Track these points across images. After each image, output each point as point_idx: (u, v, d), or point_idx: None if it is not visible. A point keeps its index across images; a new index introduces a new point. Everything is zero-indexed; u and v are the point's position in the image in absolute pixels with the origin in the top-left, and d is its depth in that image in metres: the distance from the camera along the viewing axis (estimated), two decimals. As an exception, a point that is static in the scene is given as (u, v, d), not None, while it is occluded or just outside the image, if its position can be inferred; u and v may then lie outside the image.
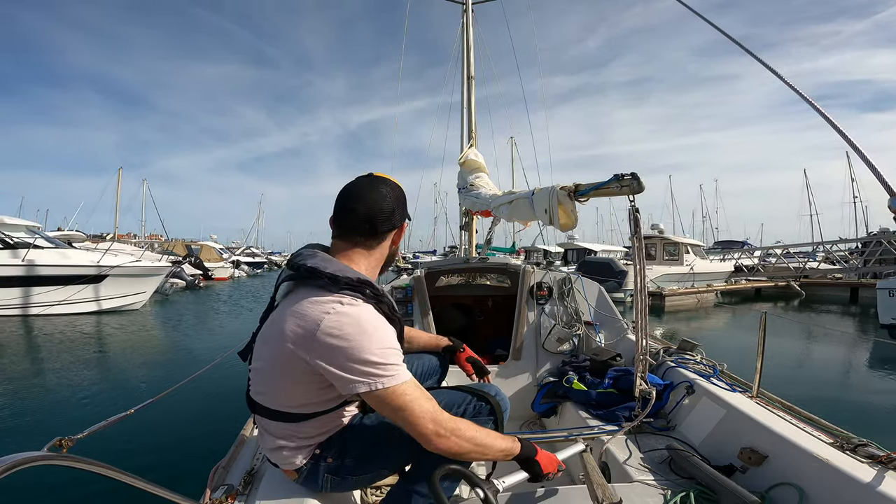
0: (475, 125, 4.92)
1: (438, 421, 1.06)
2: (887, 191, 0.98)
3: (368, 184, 1.21)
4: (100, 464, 0.91)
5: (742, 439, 1.64)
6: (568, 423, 2.34)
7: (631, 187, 1.83)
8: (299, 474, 1.22)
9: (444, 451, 1.08)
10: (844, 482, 1.27)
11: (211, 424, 3.98)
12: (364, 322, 1.04)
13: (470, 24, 5.62)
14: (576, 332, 2.93)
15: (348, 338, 1.01)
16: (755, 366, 1.94)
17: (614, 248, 26.80)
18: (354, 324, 1.03)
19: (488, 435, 1.16)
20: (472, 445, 1.11)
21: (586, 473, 1.48)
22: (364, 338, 1.02)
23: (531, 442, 1.26)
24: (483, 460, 1.16)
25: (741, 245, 27.92)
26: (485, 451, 1.14)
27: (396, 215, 1.22)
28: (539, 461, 1.23)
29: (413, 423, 1.05)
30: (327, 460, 1.20)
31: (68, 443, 1.13)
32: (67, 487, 3.02)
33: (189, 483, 1.38)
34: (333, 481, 1.22)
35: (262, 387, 1.17)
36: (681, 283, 16.20)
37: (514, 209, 2.77)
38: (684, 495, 1.43)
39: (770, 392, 1.94)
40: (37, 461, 0.79)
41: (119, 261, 11.38)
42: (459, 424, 1.10)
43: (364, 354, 1.01)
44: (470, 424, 1.13)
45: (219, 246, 29.38)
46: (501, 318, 3.28)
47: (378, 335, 1.05)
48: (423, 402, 1.06)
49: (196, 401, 4.54)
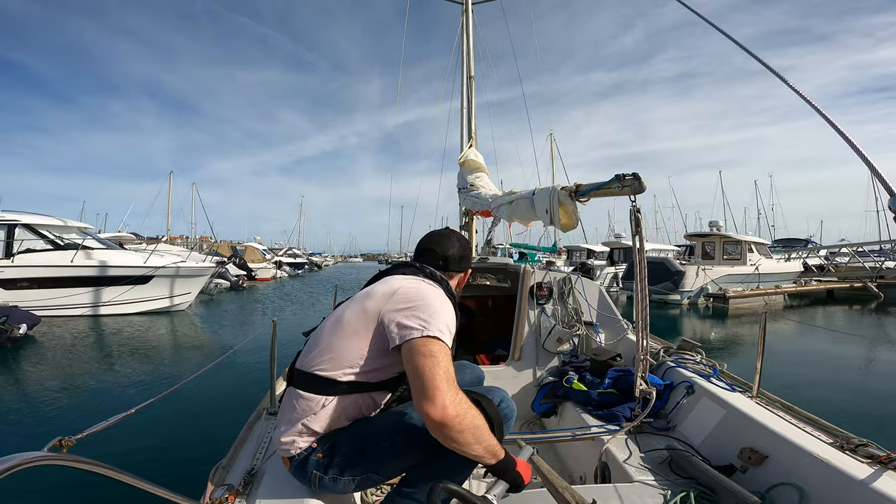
0: (475, 125, 4.93)
1: (453, 382, 1.12)
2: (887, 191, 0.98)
3: (445, 232, 1.56)
4: (100, 464, 0.91)
5: (742, 439, 1.64)
6: (568, 423, 2.34)
7: (632, 187, 1.84)
8: (291, 464, 1.26)
9: (449, 415, 1.07)
10: (844, 482, 1.27)
11: (211, 424, 3.98)
12: (437, 295, 1.27)
13: (470, 24, 5.62)
14: (576, 332, 2.93)
15: (420, 300, 1.22)
16: (755, 366, 1.94)
17: (665, 246, 24.83)
18: (428, 295, 1.25)
19: (489, 431, 1.16)
20: (470, 421, 1.10)
21: (542, 476, 1.43)
22: (433, 302, 1.22)
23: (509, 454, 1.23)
24: (470, 448, 1.13)
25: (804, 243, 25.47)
26: (479, 438, 1.13)
27: (464, 262, 1.53)
28: (520, 472, 1.22)
29: (433, 376, 1.09)
30: (318, 455, 1.23)
31: (68, 443, 1.13)
32: (67, 487, 3.02)
33: (189, 483, 1.38)
34: (322, 481, 1.23)
35: (318, 346, 1.29)
36: (745, 285, 14.80)
37: (515, 209, 2.77)
38: (684, 495, 1.43)
39: (770, 392, 1.94)
40: (37, 461, 0.79)
41: (165, 261, 11.35)
42: (471, 404, 1.14)
43: (428, 309, 1.19)
44: (479, 412, 1.16)
45: (262, 247, 29.56)
46: (501, 318, 3.28)
47: (444, 311, 1.23)
48: (450, 366, 1.14)
49: (197, 401, 4.54)
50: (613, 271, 18.92)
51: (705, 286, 14.18)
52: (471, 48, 5.44)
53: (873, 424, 4.20)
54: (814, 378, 6.13)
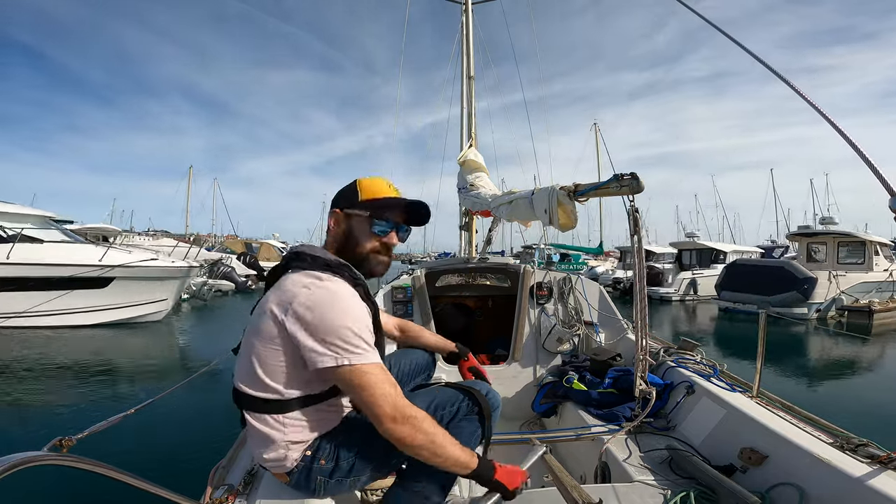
0: (475, 126, 4.92)
1: (397, 406, 1.07)
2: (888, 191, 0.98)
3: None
4: (100, 464, 0.91)
5: (742, 439, 1.64)
6: (568, 423, 2.34)
7: (630, 187, 1.83)
8: (291, 477, 1.20)
9: (398, 438, 1.07)
10: (844, 482, 1.27)
11: (211, 424, 3.98)
12: (339, 298, 1.10)
13: (470, 23, 5.61)
14: (576, 332, 2.93)
15: (322, 311, 1.06)
16: (755, 366, 1.94)
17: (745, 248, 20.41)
18: (329, 298, 1.08)
19: (447, 440, 1.14)
20: (426, 440, 1.09)
21: (553, 475, 1.45)
22: (336, 312, 1.07)
23: (492, 462, 1.23)
24: (434, 463, 1.13)
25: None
26: (437, 453, 1.11)
27: (331, 208, 1.32)
28: (500, 479, 1.21)
29: (372, 404, 1.06)
30: (320, 462, 1.18)
31: (68, 443, 1.13)
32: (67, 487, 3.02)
33: (189, 483, 1.38)
34: (328, 485, 1.20)
35: (246, 368, 1.15)
36: (880, 294, 12.07)
37: (514, 209, 2.76)
38: (684, 495, 1.43)
39: (770, 392, 1.94)
40: (37, 461, 0.79)
41: (125, 258, 8.82)
42: (419, 415, 1.10)
43: (335, 328, 1.05)
44: (431, 421, 1.13)
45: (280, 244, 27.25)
46: (501, 318, 3.28)
47: (351, 312, 1.09)
48: (386, 386, 1.08)
49: (196, 401, 4.54)
50: (690, 277, 16.28)
51: (838, 297, 11.33)
52: (471, 48, 5.43)
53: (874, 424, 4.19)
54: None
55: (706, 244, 18.42)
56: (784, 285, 11.09)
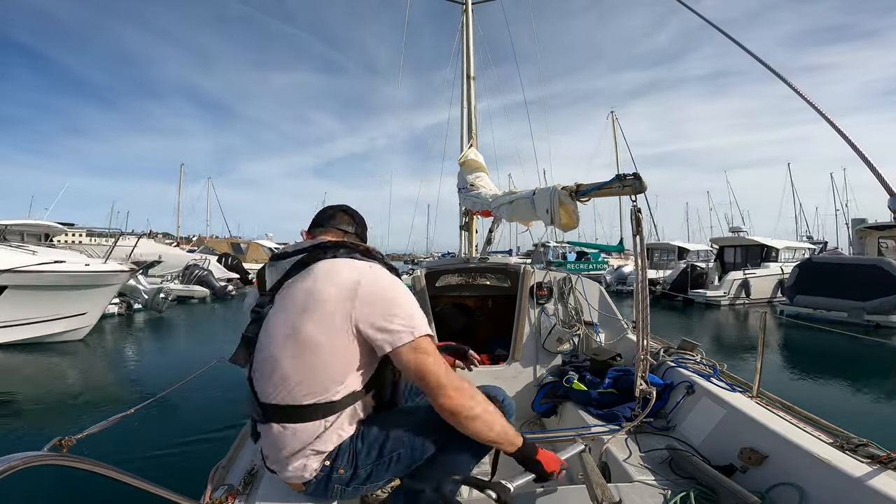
0: (476, 126, 4.92)
1: (451, 373, 1.12)
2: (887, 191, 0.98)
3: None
4: (100, 464, 0.91)
5: (742, 439, 1.64)
6: (568, 423, 2.34)
7: (633, 187, 1.84)
8: (307, 487, 1.19)
9: (455, 405, 1.09)
10: (844, 482, 1.27)
11: (211, 424, 3.98)
12: (396, 281, 1.18)
13: (470, 23, 5.61)
14: (576, 332, 2.93)
15: (389, 293, 1.13)
16: (755, 366, 1.94)
17: (798, 244, 17.75)
18: (390, 282, 1.16)
19: (501, 415, 1.17)
20: (482, 410, 1.12)
21: (585, 473, 1.48)
22: (401, 291, 1.15)
23: (534, 443, 1.25)
24: (486, 439, 1.15)
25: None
26: (492, 423, 1.14)
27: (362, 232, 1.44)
28: (540, 460, 1.24)
29: (429, 373, 1.09)
30: (339, 471, 1.16)
31: (68, 443, 1.13)
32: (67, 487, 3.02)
33: (189, 483, 1.38)
34: (344, 493, 1.20)
35: (284, 374, 1.11)
36: None
37: (515, 209, 2.76)
38: (684, 495, 1.43)
39: (770, 392, 1.94)
40: (37, 461, 0.79)
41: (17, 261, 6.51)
42: (472, 386, 1.14)
43: (403, 306, 1.12)
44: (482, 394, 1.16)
45: (272, 244, 24.27)
46: (501, 318, 3.27)
47: (405, 290, 1.17)
48: (437, 354, 1.13)
49: (196, 401, 4.54)
50: (741, 277, 13.93)
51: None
52: (471, 48, 5.43)
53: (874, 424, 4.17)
54: None
55: (755, 239, 15.88)
56: (881, 288, 9.05)
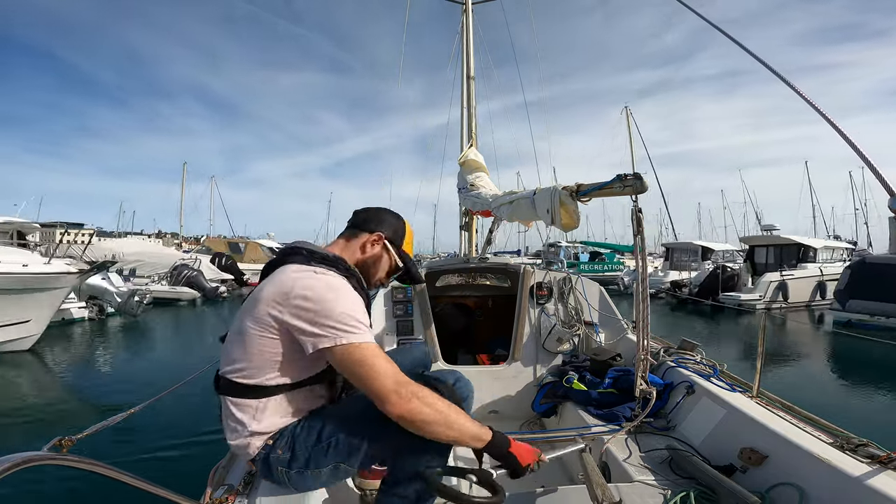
0: (476, 126, 4.92)
1: (399, 381, 1.09)
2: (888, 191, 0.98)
3: (374, 208, 1.48)
4: (100, 464, 0.91)
5: (742, 439, 1.64)
6: (568, 423, 2.34)
7: (634, 187, 1.83)
8: (255, 465, 1.23)
9: (405, 413, 1.06)
10: (844, 482, 1.27)
11: (211, 425, 3.98)
12: (334, 287, 1.16)
13: (470, 23, 5.61)
14: (576, 332, 2.93)
15: (318, 298, 1.11)
16: (755, 366, 1.94)
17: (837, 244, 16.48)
18: (325, 287, 1.14)
19: (458, 412, 1.13)
20: (435, 413, 1.08)
21: (585, 473, 1.48)
22: (332, 299, 1.12)
23: (505, 435, 1.21)
24: (447, 439, 1.12)
25: None
26: (450, 426, 1.10)
27: (373, 224, 1.41)
28: (514, 453, 1.19)
29: (373, 379, 1.08)
30: (278, 451, 1.19)
31: (68, 443, 1.13)
32: (67, 487, 3.02)
33: (189, 483, 1.38)
34: (290, 476, 1.20)
35: (232, 356, 1.19)
36: None
37: (515, 209, 2.76)
38: (684, 495, 1.43)
39: (770, 392, 1.94)
40: (37, 461, 0.79)
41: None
42: (423, 390, 1.10)
43: (332, 313, 1.10)
44: (437, 395, 1.12)
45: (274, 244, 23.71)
46: (501, 318, 3.28)
47: (345, 300, 1.15)
48: (384, 363, 1.10)
49: (196, 401, 4.54)
50: (778, 279, 12.91)
51: None
52: (471, 48, 5.43)
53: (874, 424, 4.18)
54: None
55: (792, 238, 14.78)
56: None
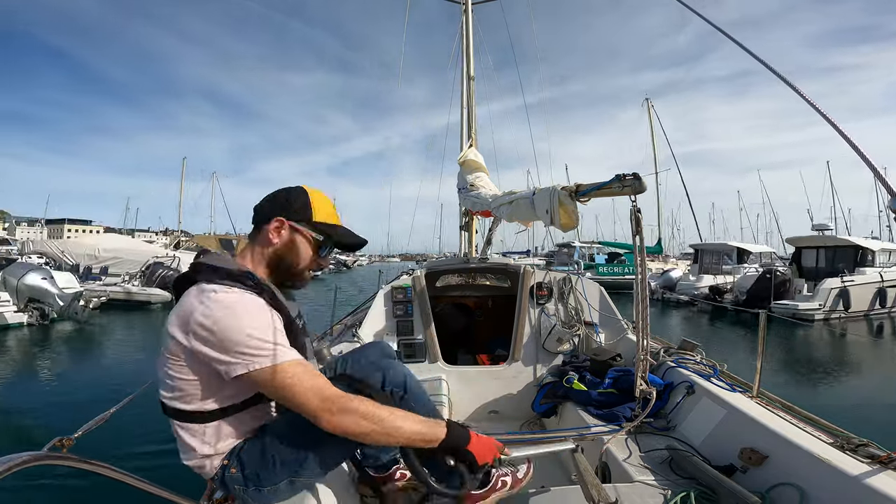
0: (475, 126, 4.92)
1: (326, 397, 1.05)
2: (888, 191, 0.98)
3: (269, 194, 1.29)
4: (100, 463, 0.91)
5: (742, 439, 1.64)
6: (568, 423, 2.34)
7: (633, 187, 1.83)
8: (214, 483, 1.19)
9: (341, 430, 1.04)
10: (844, 482, 1.27)
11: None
12: (237, 307, 1.06)
13: (470, 23, 5.61)
14: (576, 332, 2.93)
15: (220, 322, 1.03)
16: (755, 365, 1.94)
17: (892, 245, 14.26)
18: (226, 309, 1.05)
19: (398, 416, 1.10)
20: (372, 424, 1.05)
21: (578, 473, 1.47)
22: (235, 321, 1.04)
23: (468, 430, 1.18)
24: (395, 443, 1.10)
25: None
26: (389, 434, 1.07)
27: (268, 212, 1.24)
28: (472, 450, 1.16)
29: (298, 403, 1.04)
30: (231, 471, 1.15)
31: (68, 442, 1.13)
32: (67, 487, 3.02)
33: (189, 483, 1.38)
34: (247, 493, 1.16)
35: (165, 380, 1.13)
36: None
37: (515, 209, 2.76)
38: (684, 495, 1.43)
39: (770, 392, 1.94)
40: (37, 461, 0.79)
41: None
42: (354, 402, 1.06)
43: (236, 337, 1.03)
44: (372, 403, 1.09)
45: None
46: (502, 318, 3.28)
47: (250, 319, 1.06)
48: (306, 379, 1.05)
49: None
50: (839, 285, 11.33)
51: None
52: (471, 48, 5.43)
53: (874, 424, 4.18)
54: None
55: (848, 240, 13.15)
56: None
